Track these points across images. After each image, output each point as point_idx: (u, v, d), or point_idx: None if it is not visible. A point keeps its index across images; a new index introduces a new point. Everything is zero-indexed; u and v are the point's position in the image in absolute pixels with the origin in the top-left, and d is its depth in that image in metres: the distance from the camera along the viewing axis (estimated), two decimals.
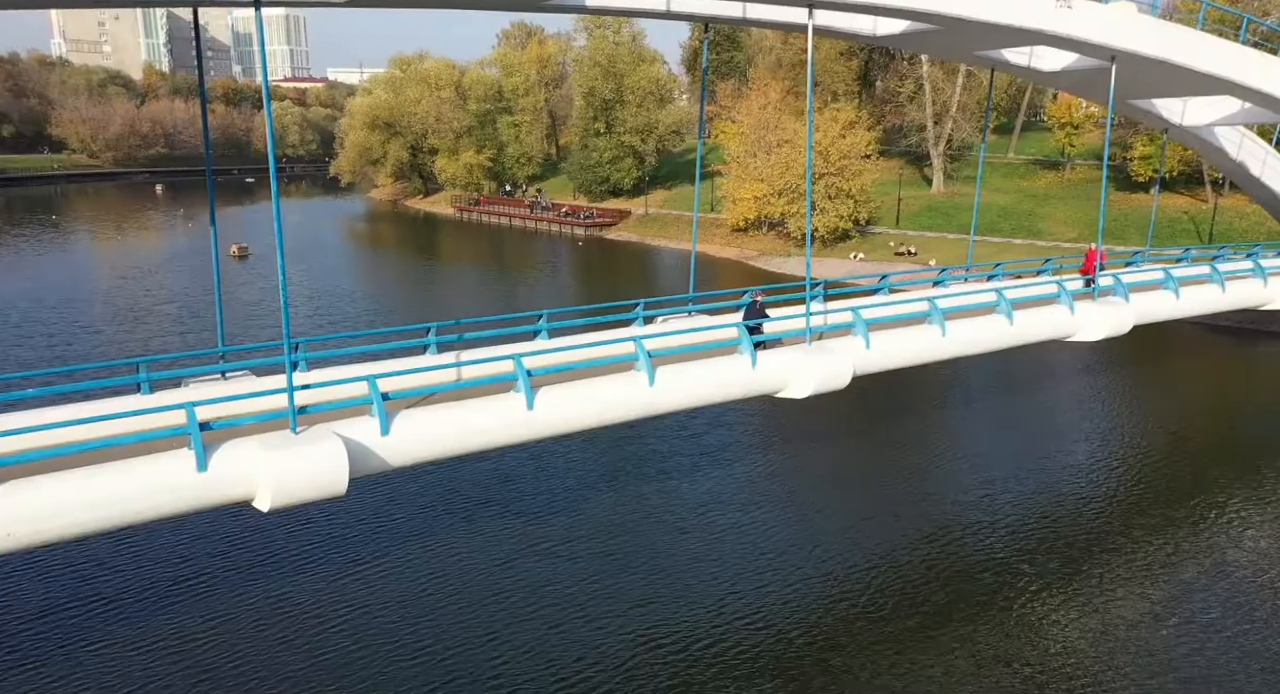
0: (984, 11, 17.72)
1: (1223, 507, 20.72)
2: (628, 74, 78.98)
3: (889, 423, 27.01)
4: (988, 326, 19.89)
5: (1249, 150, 30.33)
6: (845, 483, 22.33)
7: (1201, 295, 23.65)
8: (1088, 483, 22.52)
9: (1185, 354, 35.80)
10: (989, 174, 71.89)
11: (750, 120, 63.79)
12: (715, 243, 67.38)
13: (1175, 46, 20.73)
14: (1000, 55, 22.57)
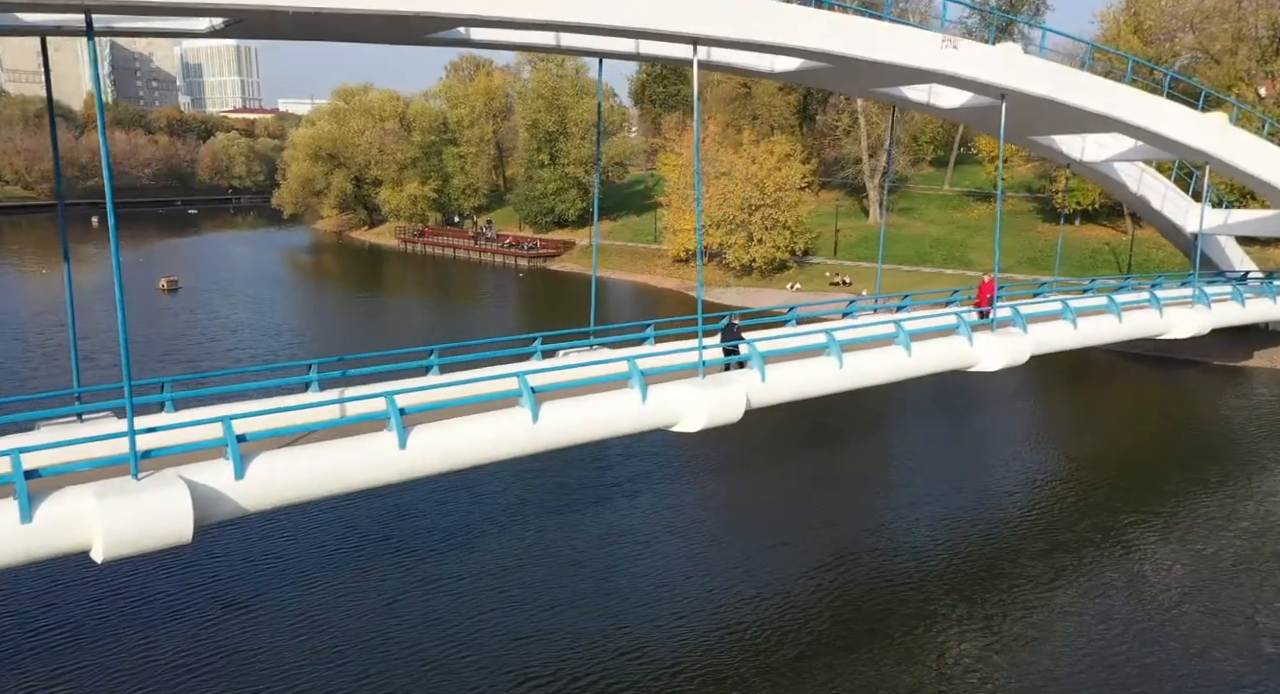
0: (870, 51, 18.18)
1: (1108, 530, 20.98)
2: (571, 106, 79.62)
3: (804, 451, 27.17)
4: (886, 358, 20.15)
5: (1148, 185, 31.46)
6: (748, 512, 22.28)
7: (1099, 326, 24.28)
8: (985, 510, 22.74)
9: (1099, 381, 36.69)
10: (924, 206, 73.70)
11: (690, 153, 64.54)
12: (658, 274, 67.77)
13: (1059, 86, 21.48)
14: (899, 92, 23.17)
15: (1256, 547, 20.12)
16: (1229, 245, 36.77)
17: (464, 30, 15.73)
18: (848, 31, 17.58)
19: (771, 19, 16.39)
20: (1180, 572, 19.02)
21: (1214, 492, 23.41)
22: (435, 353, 16.92)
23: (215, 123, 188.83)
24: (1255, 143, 25.69)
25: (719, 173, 60.23)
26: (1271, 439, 28.23)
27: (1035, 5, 72.40)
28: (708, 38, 16.03)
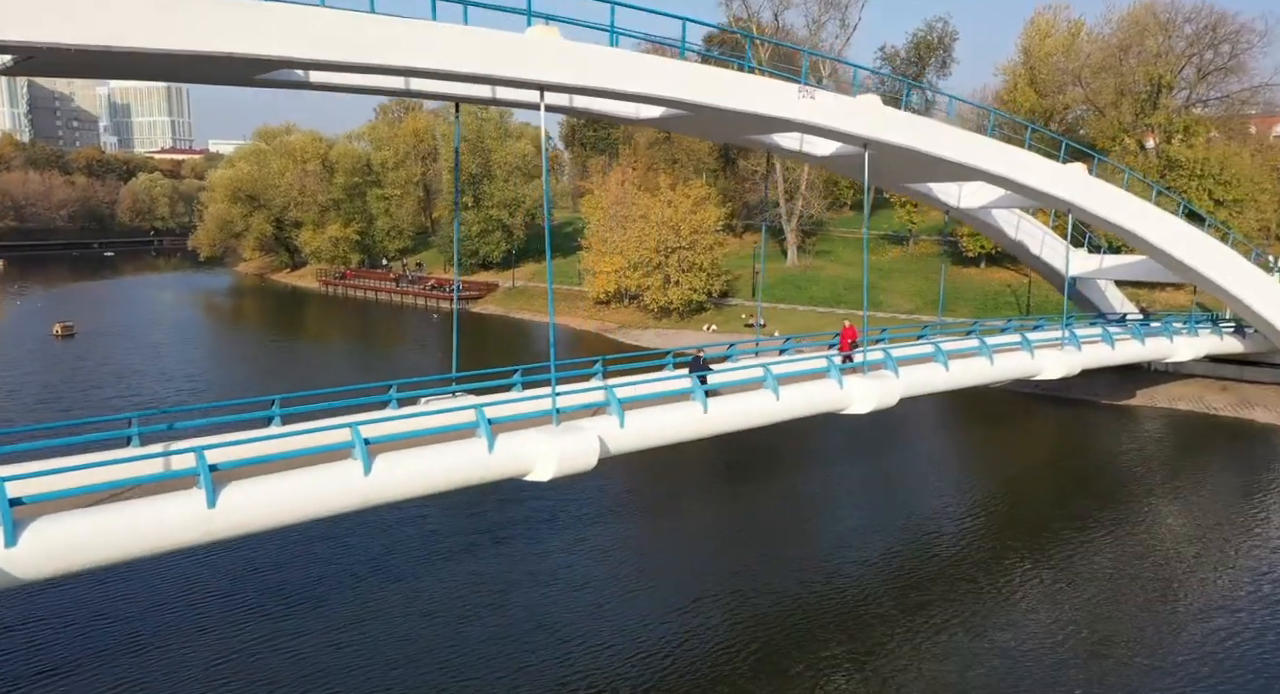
0: (725, 100, 18.48)
1: (990, 568, 21.19)
2: (495, 149, 79.85)
3: (699, 495, 27.11)
4: (754, 402, 20.17)
5: (1026, 231, 32.64)
6: (611, 560, 21.93)
7: (971, 368, 24.77)
8: (870, 551, 22.75)
9: (995, 419, 37.47)
10: (842, 248, 75.48)
11: (609, 196, 65.16)
12: (578, 316, 67.63)
13: (918, 136, 22.17)
14: (771, 140, 23.62)
15: (1132, 580, 20.54)
16: (1109, 288, 38.31)
17: (302, 73, 15.49)
18: (700, 81, 17.86)
19: (619, 67, 16.57)
20: (1058, 609, 19.20)
21: (1093, 528, 23.90)
22: (277, 403, 16.28)
23: (138, 163, 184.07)
24: (1111, 192, 26.88)
25: (637, 216, 60.77)
26: (1149, 475, 29.11)
27: (941, 59, 75.69)
28: (555, 85, 16.07)
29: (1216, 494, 27.12)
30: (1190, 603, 19.29)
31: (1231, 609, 18.82)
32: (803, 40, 68.53)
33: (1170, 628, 18.25)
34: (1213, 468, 30.15)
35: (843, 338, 22.53)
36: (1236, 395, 35.78)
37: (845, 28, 65.43)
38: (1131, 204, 27.20)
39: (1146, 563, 21.49)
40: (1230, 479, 28.52)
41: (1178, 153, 47.71)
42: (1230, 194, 46.75)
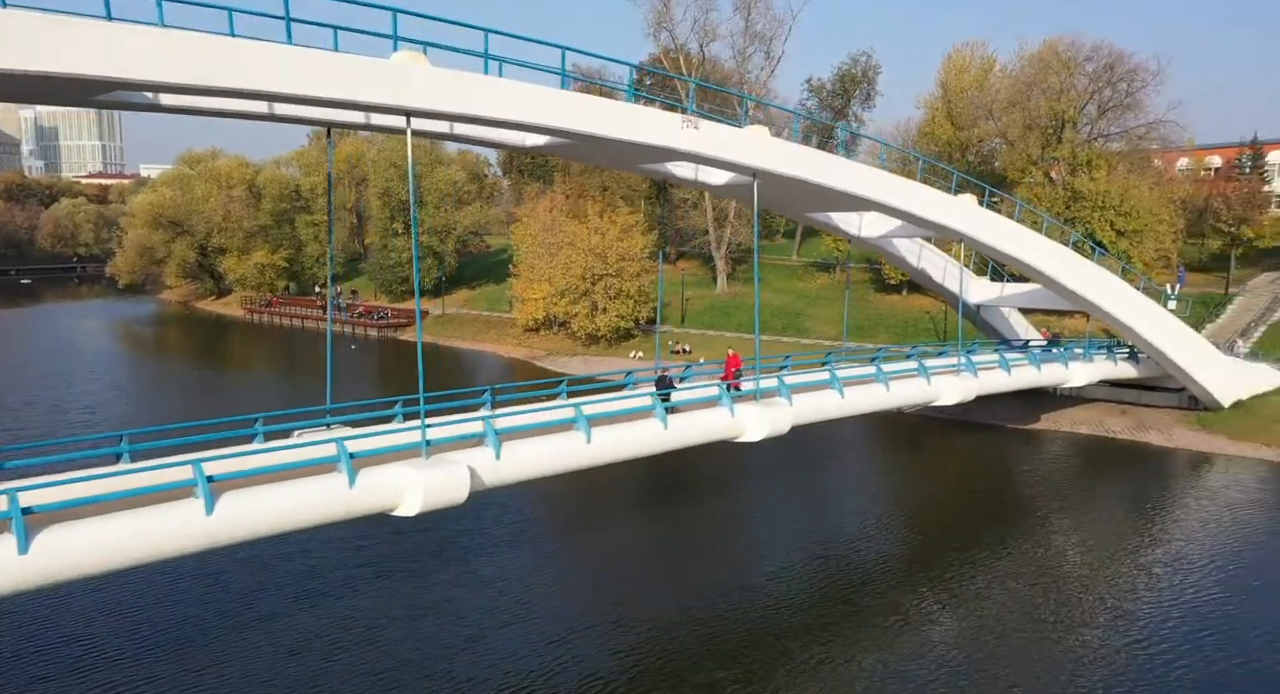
0: (605, 129, 18.46)
1: (894, 596, 21.25)
2: (425, 175, 79.12)
3: (628, 511, 26.94)
4: (641, 431, 19.98)
5: (928, 259, 33.35)
6: (548, 577, 21.57)
7: (867, 394, 25.03)
8: (757, 577, 22.62)
9: (905, 444, 38.08)
10: (772, 275, 76.37)
11: (537, 223, 65.00)
12: (508, 343, 67.04)
13: (806, 166, 22.47)
14: (665, 168, 23.72)
15: (1036, 604, 20.81)
16: (1013, 315, 39.33)
17: (151, 94, 14.98)
18: (578, 110, 17.84)
19: (490, 95, 16.43)
20: (959, 631, 19.46)
21: (991, 549, 24.36)
22: (125, 439, 15.51)
23: (63, 188, 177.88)
24: (1000, 222, 27.65)
25: (564, 243, 60.67)
26: (1047, 498, 29.70)
27: (866, 92, 77.69)
28: (421, 111, 15.85)
29: (1109, 516, 27.75)
30: (1079, 619, 19.75)
31: (1118, 625, 19.32)
32: (730, 72, 69.81)
33: (1060, 642, 18.63)
34: (1107, 491, 30.91)
35: (726, 367, 22.50)
36: (1134, 419, 36.92)
37: (770, 60, 66.78)
38: (1019, 234, 27.99)
39: (1040, 582, 21.95)
40: (1123, 501, 29.25)
41: (1081, 185, 49.53)
42: (1130, 225, 48.61)
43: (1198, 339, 34.70)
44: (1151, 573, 22.71)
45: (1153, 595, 21.21)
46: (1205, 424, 34.91)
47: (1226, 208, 53.56)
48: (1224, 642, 18.52)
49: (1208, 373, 33.93)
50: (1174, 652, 18.10)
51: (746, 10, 63.91)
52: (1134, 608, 20.46)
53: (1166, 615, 19.90)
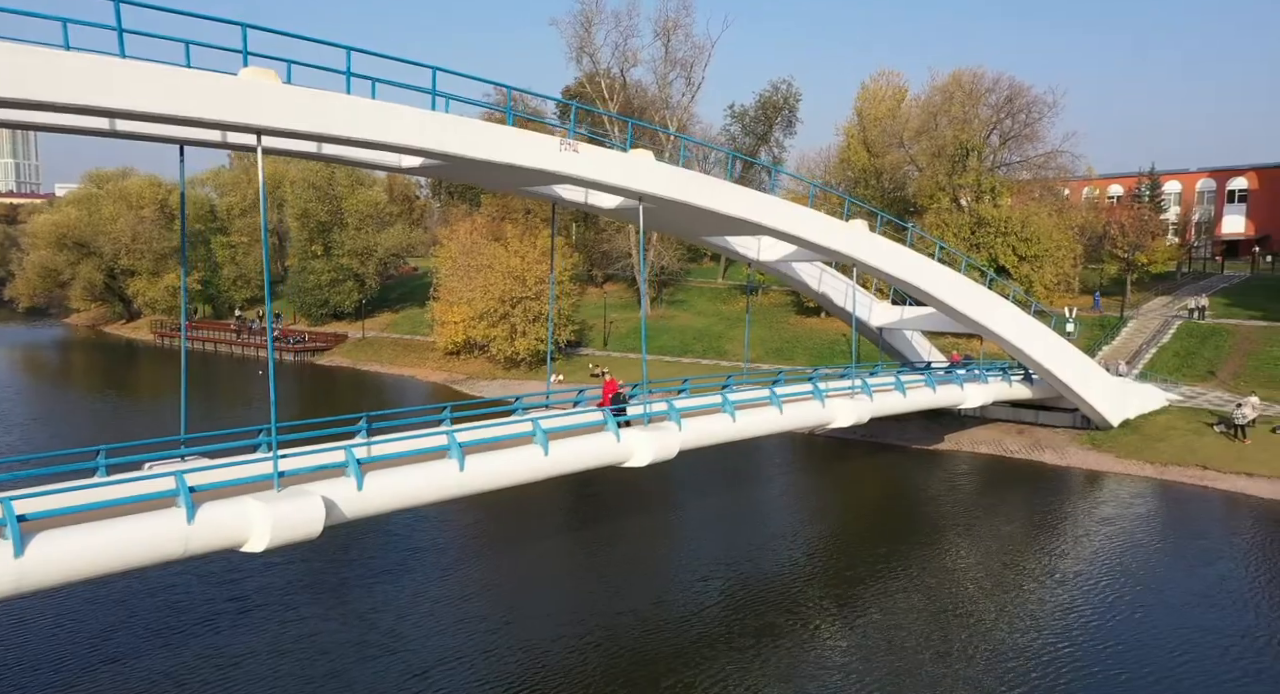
0: (477, 151, 18.17)
1: (795, 613, 21.11)
2: (346, 197, 77.71)
3: (529, 534, 26.32)
4: (520, 457, 19.56)
5: (829, 283, 33.84)
6: (425, 606, 20.78)
7: (759, 417, 25.04)
8: (641, 601, 22.32)
9: (815, 465, 38.36)
10: (696, 298, 76.91)
11: (458, 245, 64.25)
12: (428, 367, 65.87)
13: (691, 190, 22.53)
14: (553, 191, 23.51)
15: (936, 620, 21.10)
16: (916, 338, 40.15)
17: None
18: (447, 131, 17.48)
19: (350, 114, 15.97)
20: (862, 647, 19.51)
21: (890, 567, 24.65)
22: None
23: None
24: (890, 247, 28.19)
25: (483, 265, 60.04)
26: (945, 517, 30.12)
27: (787, 119, 79.29)
28: (273, 129, 15.31)
29: (1003, 533, 28.20)
30: (977, 632, 20.22)
31: (1012, 638, 19.60)
32: (653, 98, 70.44)
33: (955, 654, 18.94)
34: (1002, 509, 31.46)
35: (604, 392, 22.23)
36: (1031, 438, 37.89)
37: (691, 86, 67.62)
38: (908, 259, 28.56)
39: (939, 598, 22.28)
40: (1016, 519, 29.81)
41: (985, 211, 51.13)
42: (1032, 250, 50.34)
43: (1087, 361, 35.88)
44: (1040, 587, 23.24)
45: (1041, 608, 21.74)
46: (1096, 443, 36.01)
47: (1122, 235, 55.91)
48: (1103, 648, 19.12)
49: (1096, 394, 35.06)
50: (1061, 660, 18.65)
51: (666, 37, 64.72)
52: (1026, 619, 21.05)
53: (1054, 627, 20.48)
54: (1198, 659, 18.76)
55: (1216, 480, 31.96)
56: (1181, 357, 44.80)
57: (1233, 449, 33.21)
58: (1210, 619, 20.79)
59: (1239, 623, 20.56)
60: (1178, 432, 35.40)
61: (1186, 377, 42.37)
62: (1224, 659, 18.74)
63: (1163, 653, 19.10)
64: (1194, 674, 18.12)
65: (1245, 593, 22.51)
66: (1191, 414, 36.97)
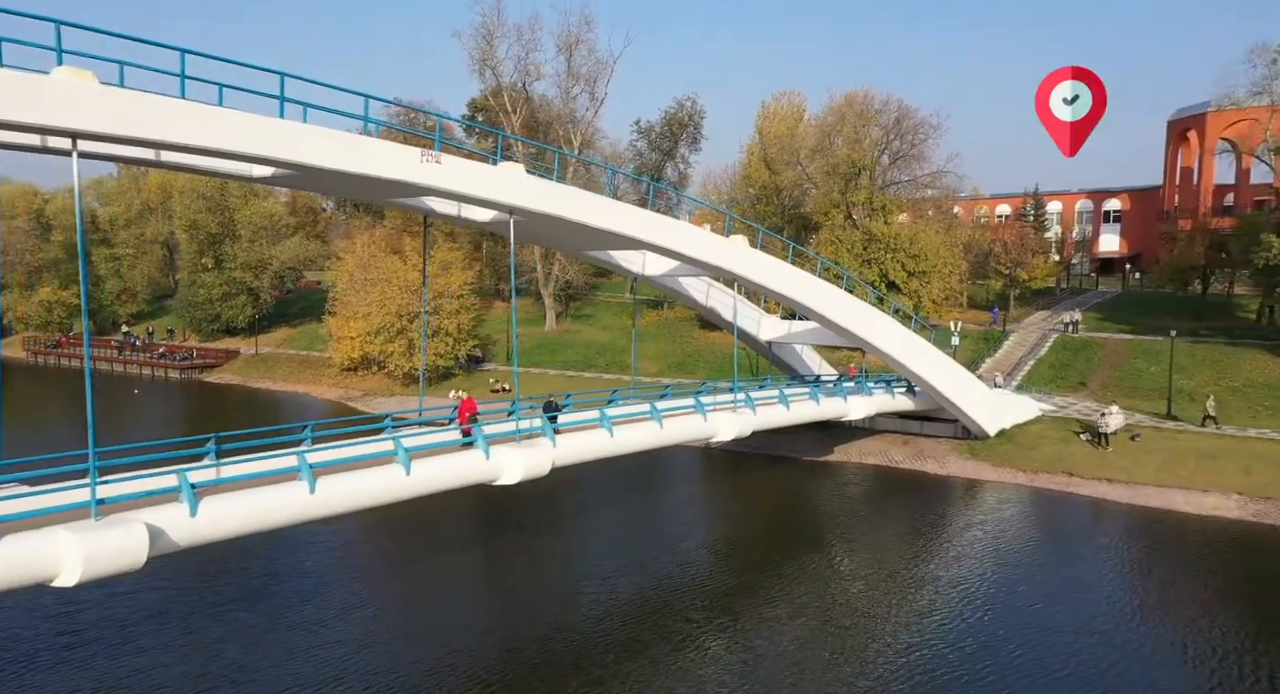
0: (333, 161, 17.53)
1: (671, 629, 20.93)
2: (239, 208, 74.72)
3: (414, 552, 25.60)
4: (381, 477, 18.85)
5: (716, 298, 34.13)
6: (278, 633, 19.82)
7: (639, 432, 24.93)
8: (517, 621, 21.88)
9: (703, 478, 38.61)
10: (603, 312, 76.83)
11: (355, 258, 62.49)
12: (323, 384, 63.69)
13: (566, 205, 22.34)
14: (424, 203, 22.94)
15: (821, 625, 21.65)
16: (806, 351, 40.90)
17: None
18: (288, 138, 16.78)
19: (176, 118, 15.13)
20: (747, 653, 19.70)
21: (784, 576, 25.03)
22: None
23: None
24: (773, 263, 28.62)
25: (380, 279, 58.50)
26: (835, 526, 30.67)
27: (692, 135, 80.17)
28: (90, 133, 14.36)
29: (885, 542, 28.84)
30: (861, 636, 20.99)
31: (894, 643, 20.15)
32: (558, 112, 70.26)
33: (843, 659, 19.62)
34: (885, 518, 32.15)
35: (460, 411, 21.63)
36: (915, 449, 38.98)
37: (595, 100, 67.75)
38: (790, 274, 29.03)
39: (824, 605, 22.99)
40: (898, 527, 30.52)
41: (877, 228, 52.69)
42: (920, 266, 52.06)
43: (965, 374, 37.17)
44: (912, 591, 23.97)
45: (909, 611, 22.50)
46: (974, 452, 37.29)
47: (1005, 252, 58.51)
48: (950, 650, 19.83)
49: (974, 405, 36.34)
50: (938, 660, 19.40)
51: (569, 52, 64.73)
52: (893, 622, 21.80)
53: (916, 629, 21.20)
54: (1035, 657, 19.64)
55: (1081, 486, 33.48)
56: (1056, 368, 46.98)
57: (1096, 456, 34.87)
58: (1054, 617, 21.79)
59: (1076, 620, 21.60)
60: (1048, 440, 36.98)
61: (1060, 388, 44.42)
62: (1057, 655, 19.65)
63: (1003, 652, 19.90)
64: (1031, 671, 18.94)
65: (1088, 592, 23.67)
66: (1062, 423, 38.68)
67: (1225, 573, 25.29)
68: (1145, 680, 18.56)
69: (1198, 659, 19.61)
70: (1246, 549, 27.21)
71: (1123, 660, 19.36)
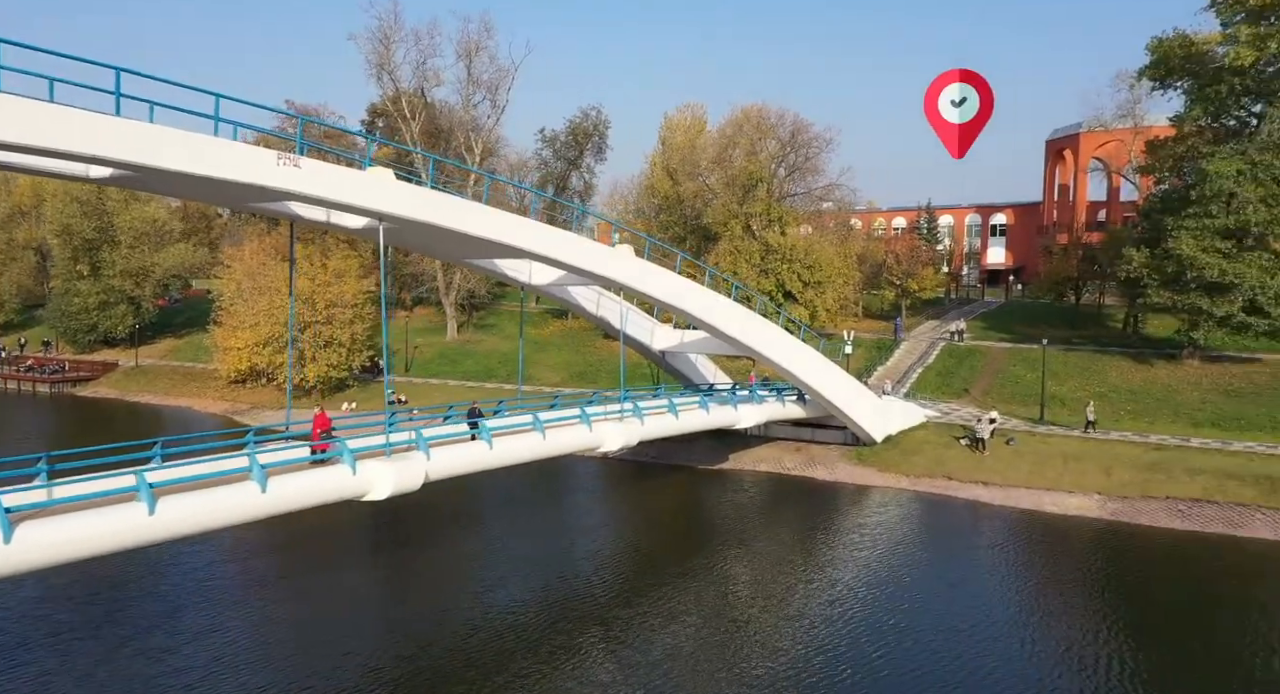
0: (176, 162, 16.56)
1: (556, 647, 20.49)
2: (118, 212, 70.71)
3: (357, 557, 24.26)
4: (234, 495, 17.87)
5: (607, 307, 34.00)
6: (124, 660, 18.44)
7: (520, 444, 24.47)
8: (398, 640, 21.13)
9: (609, 486, 38.35)
10: (507, 322, 75.77)
11: (242, 266, 59.91)
12: (209, 397, 60.76)
13: (440, 212, 21.78)
14: (289, 208, 21.98)
15: (713, 630, 21.84)
16: (700, 361, 41.21)
17: None
18: (120, 137, 15.76)
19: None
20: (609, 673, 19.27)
21: (675, 584, 25.16)
22: None
23: None
24: (660, 272, 28.62)
25: (268, 287, 56.23)
26: (727, 533, 30.91)
27: (597, 145, 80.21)
28: None
29: (774, 547, 29.18)
30: (750, 638, 21.27)
31: (782, 646, 20.18)
32: (460, 119, 69.11)
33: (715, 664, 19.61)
34: (771, 524, 32.58)
35: (314, 427, 20.74)
36: (805, 456, 39.70)
37: (497, 108, 67.00)
38: (677, 283, 29.11)
39: (714, 611, 23.26)
40: (787, 532, 30.97)
41: (774, 239, 53.68)
42: (815, 276, 53.25)
43: (852, 381, 38.06)
44: (795, 596, 24.33)
45: (792, 616, 22.82)
46: (862, 459, 38.21)
47: (897, 263, 60.50)
48: (812, 652, 20.30)
49: (861, 412, 37.24)
50: (801, 663, 19.74)
51: (468, 58, 63.86)
52: (779, 626, 22.26)
53: (802, 633, 21.66)
54: (888, 654, 20.32)
55: (959, 490, 34.69)
56: (942, 376, 48.73)
57: (974, 460, 36.22)
58: (919, 618, 22.45)
59: (937, 620, 22.33)
60: (931, 445, 38.21)
61: (945, 394, 46.06)
62: (916, 655, 20.27)
63: (861, 650, 20.49)
64: (888, 670, 19.52)
65: (953, 592, 24.54)
66: (945, 429, 40.07)
67: (1084, 570, 26.57)
68: (995, 678, 19.18)
69: (1053, 652, 20.45)
70: (1104, 547, 28.65)
71: (977, 658, 20.05)
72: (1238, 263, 41.00)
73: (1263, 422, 37.77)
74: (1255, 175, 40.60)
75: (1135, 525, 30.37)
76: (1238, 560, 26.77)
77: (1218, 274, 40.67)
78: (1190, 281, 42.08)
